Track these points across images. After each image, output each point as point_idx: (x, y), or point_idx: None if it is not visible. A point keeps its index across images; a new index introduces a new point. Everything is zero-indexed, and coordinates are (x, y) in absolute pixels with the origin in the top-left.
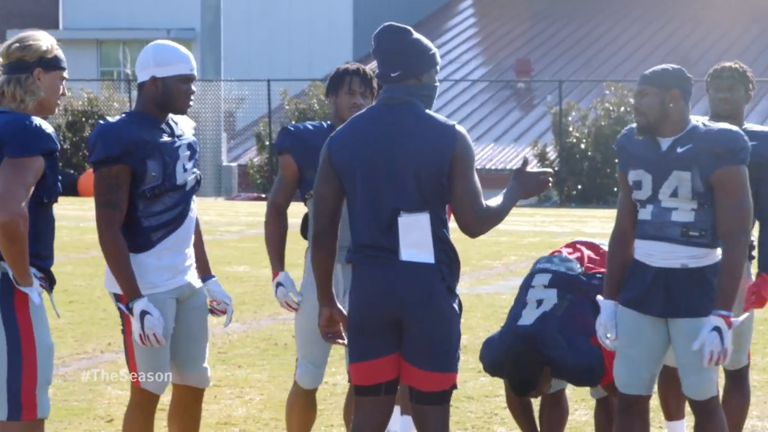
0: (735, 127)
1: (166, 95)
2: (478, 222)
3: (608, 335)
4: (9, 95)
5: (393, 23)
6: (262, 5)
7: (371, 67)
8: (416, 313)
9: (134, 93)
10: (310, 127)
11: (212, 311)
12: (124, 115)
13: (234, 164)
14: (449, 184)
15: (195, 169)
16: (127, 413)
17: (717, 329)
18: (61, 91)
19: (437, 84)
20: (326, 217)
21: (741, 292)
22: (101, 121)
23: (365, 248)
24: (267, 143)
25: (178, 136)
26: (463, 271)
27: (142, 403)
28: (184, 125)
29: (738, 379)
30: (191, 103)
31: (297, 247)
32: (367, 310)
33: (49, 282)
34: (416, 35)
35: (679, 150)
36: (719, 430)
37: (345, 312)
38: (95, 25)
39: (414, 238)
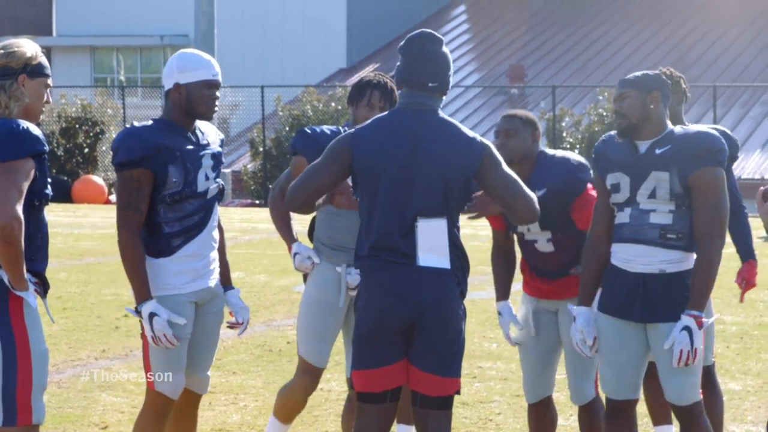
0: (713, 130)
1: (190, 101)
2: (532, 203)
3: (587, 342)
4: None
5: (429, 31)
6: (256, 12)
7: (366, 72)
8: (432, 318)
9: (128, 99)
10: (327, 131)
11: (231, 326)
12: (151, 121)
13: (228, 170)
14: (487, 182)
15: (218, 180)
16: (140, 418)
17: (687, 329)
18: (45, 99)
19: None
20: (309, 196)
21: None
22: (128, 125)
23: (381, 252)
24: (261, 149)
25: (203, 146)
26: None
27: (156, 407)
28: (211, 135)
29: (706, 378)
30: (216, 109)
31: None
32: (381, 317)
33: (42, 287)
34: (446, 47)
35: (657, 151)
36: None
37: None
38: (89, 31)
39: (431, 243)
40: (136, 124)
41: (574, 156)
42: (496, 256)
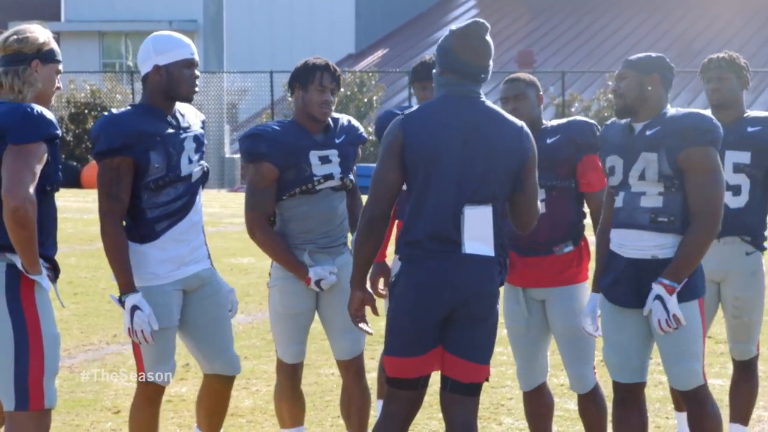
0: (705, 112)
1: (171, 82)
2: (536, 219)
3: (590, 324)
4: (7, 87)
5: (480, 21)
6: None
7: (374, 58)
8: (475, 306)
9: (137, 85)
10: (277, 126)
11: None
12: (129, 107)
13: (237, 156)
14: (523, 183)
15: (202, 162)
16: (134, 405)
17: (658, 297)
18: (56, 85)
19: None
20: (386, 203)
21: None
22: (105, 113)
23: (427, 240)
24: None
25: (184, 128)
26: None
27: (148, 395)
28: (191, 118)
29: (747, 370)
30: (197, 89)
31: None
32: (424, 306)
33: (53, 272)
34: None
35: (648, 132)
36: (712, 420)
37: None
38: (97, 17)
39: (477, 230)
40: (114, 111)
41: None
42: None
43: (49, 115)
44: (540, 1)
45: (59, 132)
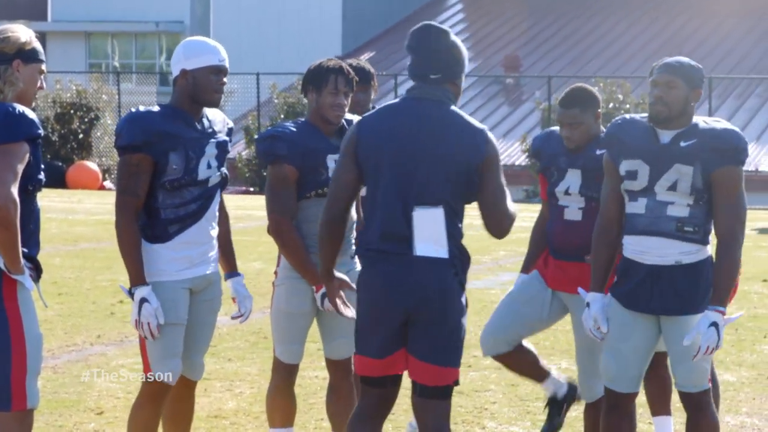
0: (737, 128)
1: (197, 87)
2: (507, 220)
3: (600, 328)
4: None
5: (432, 23)
6: None
7: (359, 60)
8: (429, 308)
9: (123, 85)
10: (293, 128)
11: (234, 317)
12: (158, 107)
13: None
14: (481, 184)
15: (222, 169)
16: (135, 404)
17: (715, 324)
18: (39, 85)
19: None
20: (343, 203)
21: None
22: (132, 110)
23: (380, 242)
24: (255, 137)
25: (209, 134)
26: None
27: (152, 392)
28: (218, 124)
29: None
30: (223, 95)
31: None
32: (378, 308)
33: (36, 272)
34: (453, 38)
35: (682, 144)
36: (712, 425)
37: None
38: (84, 17)
39: (428, 232)
40: (141, 108)
41: None
42: (538, 226)
43: (31, 114)
44: (527, 6)
45: (41, 131)
